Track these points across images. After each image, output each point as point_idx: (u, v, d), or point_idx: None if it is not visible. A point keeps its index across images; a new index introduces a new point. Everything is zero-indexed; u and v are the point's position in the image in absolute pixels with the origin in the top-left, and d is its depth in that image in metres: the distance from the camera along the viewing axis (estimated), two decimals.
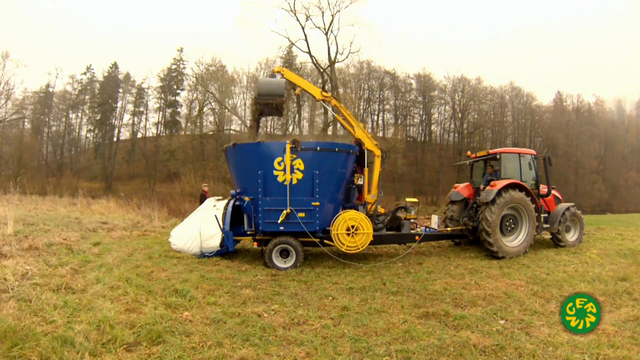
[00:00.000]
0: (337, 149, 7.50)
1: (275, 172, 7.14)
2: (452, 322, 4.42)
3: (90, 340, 3.48)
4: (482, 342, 3.81)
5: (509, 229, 8.45)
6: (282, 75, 8.27)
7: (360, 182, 8.10)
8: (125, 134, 43.82)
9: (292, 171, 7.11)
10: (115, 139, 42.66)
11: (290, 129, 36.26)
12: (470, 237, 9.06)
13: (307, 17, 28.69)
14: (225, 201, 8.12)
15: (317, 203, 7.18)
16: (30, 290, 4.65)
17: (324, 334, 4.06)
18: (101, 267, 5.99)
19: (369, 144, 8.07)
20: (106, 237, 8.82)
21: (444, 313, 4.63)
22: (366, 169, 8.04)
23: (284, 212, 7.09)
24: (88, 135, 43.70)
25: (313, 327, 4.23)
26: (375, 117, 43.77)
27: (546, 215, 9.23)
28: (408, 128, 44.17)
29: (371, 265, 7.41)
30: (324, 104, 8.62)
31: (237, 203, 7.74)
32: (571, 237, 9.40)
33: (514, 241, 8.44)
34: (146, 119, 43.84)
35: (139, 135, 43.60)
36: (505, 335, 4.03)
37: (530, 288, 5.78)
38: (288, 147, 7.04)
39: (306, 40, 29.31)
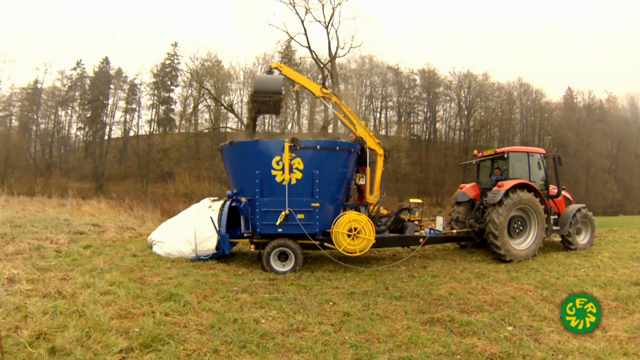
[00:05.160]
0: (337, 147, 7.50)
1: (273, 172, 7.13)
2: (457, 328, 4.42)
3: (81, 348, 3.49)
4: (489, 349, 3.81)
5: (517, 231, 8.46)
6: (280, 71, 8.27)
7: (362, 182, 8.10)
8: (116, 132, 43.85)
9: (290, 171, 7.10)
10: (106, 137, 42.65)
11: (289, 127, 36.34)
12: (476, 239, 9.07)
13: (307, 10, 28.68)
14: (221, 202, 8.11)
15: (317, 204, 7.18)
16: (18, 295, 4.66)
17: (324, 340, 4.07)
18: (92, 271, 5.99)
19: (371, 143, 8.07)
20: (97, 240, 8.82)
21: (449, 319, 4.64)
22: (368, 169, 8.04)
23: (283, 213, 7.09)
24: (78, 133, 43.73)
25: (313, 334, 4.24)
26: (378, 115, 43.89)
27: (556, 217, 9.24)
28: (412, 126, 44.20)
29: (373, 269, 7.42)
30: (324, 101, 8.63)
31: (233, 204, 7.74)
32: (582, 239, 9.40)
33: (523, 244, 8.45)
34: (139, 116, 43.90)
35: (131, 133, 43.66)
36: (514, 342, 4.03)
37: (540, 293, 5.78)
38: (287, 145, 7.03)
39: (306, 34, 29.30)
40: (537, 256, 8.37)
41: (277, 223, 7.12)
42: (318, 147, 7.33)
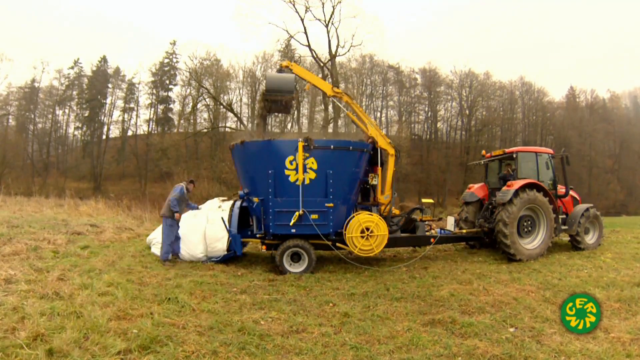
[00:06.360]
0: (351, 147, 7.49)
1: (286, 172, 7.10)
2: (459, 329, 4.42)
3: (78, 349, 3.49)
4: (490, 350, 3.81)
5: (526, 230, 8.52)
6: (291, 70, 8.22)
7: (374, 182, 8.10)
8: (114, 132, 43.91)
9: (304, 171, 7.08)
10: (104, 137, 42.69)
11: (289, 126, 36.29)
12: (485, 239, 9.12)
13: (307, 9, 28.66)
14: (231, 202, 8.08)
15: (331, 204, 7.16)
16: (15, 296, 4.66)
17: (324, 342, 4.07)
18: (89, 272, 6.00)
19: (383, 142, 8.06)
20: (95, 240, 8.82)
21: (450, 320, 4.64)
22: (379, 169, 8.04)
23: (297, 213, 7.06)
24: (76, 132, 43.78)
25: (313, 335, 4.24)
26: (379, 114, 43.83)
27: (564, 216, 9.29)
28: (413, 125, 44.25)
29: (374, 270, 7.42)
30: (335, 100, 8.62)
31: (243, 204, 7.72)
32: (590, 239, 9.45)
33: (532, 243, 8.52)
34: (137, 115, 43.95)
35: (130, 132, 43.69)
36: (515, 343, 4.03)
37: (542, 294, 5.78)
38: (300, 145, 7.00)
39: (305, 32, 29.28)
40: (539, 257, 8.40)
41: (291, 224, 7.11)
42: (332, 146, 7.30)
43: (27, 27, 60.39)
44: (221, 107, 36.44)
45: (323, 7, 28.90)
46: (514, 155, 8.94)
